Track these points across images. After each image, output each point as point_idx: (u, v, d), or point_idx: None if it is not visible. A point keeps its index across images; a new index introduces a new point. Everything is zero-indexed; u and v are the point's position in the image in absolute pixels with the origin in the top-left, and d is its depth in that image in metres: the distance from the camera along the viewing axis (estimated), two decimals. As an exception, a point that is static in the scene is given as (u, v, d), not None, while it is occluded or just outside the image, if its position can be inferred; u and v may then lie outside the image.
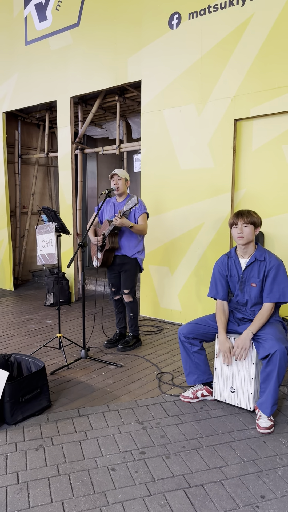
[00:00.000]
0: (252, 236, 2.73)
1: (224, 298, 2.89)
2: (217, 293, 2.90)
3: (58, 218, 3.80)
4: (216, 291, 2.90)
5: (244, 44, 3.98)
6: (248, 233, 2.70)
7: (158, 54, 4.58)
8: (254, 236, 2.74)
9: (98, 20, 5.07)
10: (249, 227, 2.70)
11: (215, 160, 4.31)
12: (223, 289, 2.88)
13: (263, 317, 2.67)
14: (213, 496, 2.00)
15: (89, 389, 3.12)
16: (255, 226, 2.72)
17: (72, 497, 1.99)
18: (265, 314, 2.68)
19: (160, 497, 1.99)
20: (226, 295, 2.89)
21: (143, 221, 3.80)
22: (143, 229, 3.78)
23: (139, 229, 3.74)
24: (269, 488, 2.05)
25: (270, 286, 2.69)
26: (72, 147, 5.69)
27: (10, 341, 4.24)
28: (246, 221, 2.70)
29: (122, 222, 3.59)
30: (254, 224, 2.72)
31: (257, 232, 2.76)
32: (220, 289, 2.88)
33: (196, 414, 2.75)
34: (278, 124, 3.94)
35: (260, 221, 2.75)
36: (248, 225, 2.70)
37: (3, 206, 6.55)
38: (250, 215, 2.72)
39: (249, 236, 2.71)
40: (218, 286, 2.89)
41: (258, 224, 2.74)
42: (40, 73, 5.79)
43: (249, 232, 2.70)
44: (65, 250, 5.89)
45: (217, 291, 2.90)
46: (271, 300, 2.68)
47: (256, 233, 2.76)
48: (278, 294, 2.67)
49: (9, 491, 2.03)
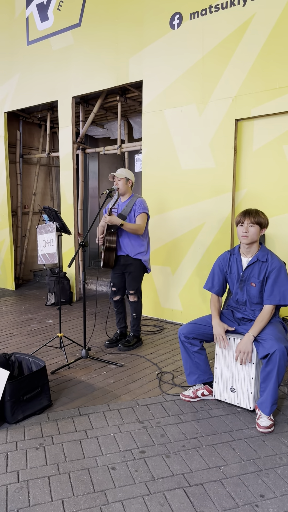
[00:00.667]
0: (256, 237, 2.72)
1: (218, 293, 2.95)
2: (212, 286, 2.96)
3: (59, 218, 3.80)
4: (212, 284, 2.96)
5: (245, 44, 3.98)
6: (253, 233, 2.69)
7: (159, 54, 4.59)
8: (258, 237, 2.74)
9: (100, 20, 5.07)
10: (255, 227, 2.69)
11: (216, 160, 4.31)
12: (219, 284, 2.93)
13: (264, 319, 2.67)
14: (212, 495, 2.00)
15: (90, 389, 3.13)
16: (261, 226, 2.71)
17: (72, 495, 2.00)
18: (265, 317, 2.68)
19: (160, 496, 2.00)
20: (221, 290, 2.95)
21: (140, 220, 3.76)
22: (137, 228, 3.71)
23: (131, 228, 3.68)
24: (268, 487, 2.06)
25: (271, 288, 2.68)
26: (73, 147, 5.70)
27: (11, 340, 4.25)
28: (253, 221, 2.69)
29: (111, 219, 3.59)
30: (261, 224, 2.70)
31: (262, 233, 2.74)
32: (216, 283, 2.93)
33: (196, 414, 2.76)
34: (279, 124, 3.94)
35: (266, 222, 2.74)
36: (254, 225, 2.69)
37: (4, 206, 6.56)
38: (258, 215, 2.70)
39: (253, 236, 2.70)
40: (214, 280, 2.94)
41: (264, 225, 2.72)
42: (41, 73, 5.80)
43: (254, 232, 2.69)
44: (66, 250, 5.90)
45: (212, 284, 2.95)
46: (272, 302, 2.68)
47: (262, 234, 2.75)
48: (279, 297, 2.67)
49: (10, 489, 2.04)
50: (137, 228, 3.72)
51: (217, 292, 2.94)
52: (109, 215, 3.59)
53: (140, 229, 3.74)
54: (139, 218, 3.77)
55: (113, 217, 3.59)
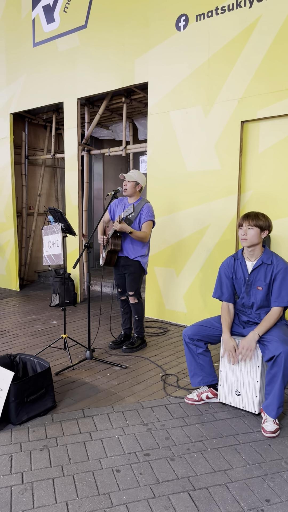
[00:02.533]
0: (256, 239, 2.69)
1: (228, 300, 2.88)
2: (222, 294, 2.89)
3: (64, 219, 3.81)
4: (221, 292, 2.90)
5: (251, 46, 3.97)
6: (251, 236, 2.68)
7: (165, 56, 4.59)
8: (259, 239, 2.71)
9: (106, 22, 5.08)
10: (254, 229, 2.67)
11: (221, 162, 4.30)
12: (228, 291, 2.87)
13: (271, 320, 2.66)
14: (217, 499, 1.99)
15: (94, 390, 3.12)
16: (261, 229, 2.69)
17: (77, 498, 1.99)
18: (273, 317, 2.66)
19: (165, 499, 1.98)
20: (231, 296, 2.88)
21: (146, 228, 3.77)
22: (143, 237, 3.74)
23: (139, 236, 3.71)
24: (274, 492, 2.04)
25: (278, 290, 2.67)
26: (78, 148, 5.70)
27: (16, 341, 4.25)
28: (251, 224, 2.67)
29: (121, 227, 3.60)
30: (260, 227, 2.68)
31: (264, 236, 2.71)
32: (225, 291, 2.87)
33: (201, 417, 2.74)
34: (285, 126, 3.93)
35: (267, 225, 2.70)
36: (252, 228, 2.67)
37: (9, 206, 6.58)
38: (257, 218, 2.68)
39: (252, 239, 2.68)
40: (223, 288, 2.88)
41: (264, 228, 2.69)
42: (47, 74, 5.82)
43: (253, 235, 2.68)
44: (71, 251, 5.90)
45: (222, 292, 2.89)
46: (280, 304, 2.66)
47: (263, 237, 2.72)
48: (287, 298, 2.65)
49: (14, 491, 2.03)
50: (143, 237, 3.75)
51: (228, 299, 2.87)
52: (120, 222, 3.60)
53: (146, 238, 3.77)
54: (145, 226, 3.77)
55: (124, 225, 3.60)
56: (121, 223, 3.59)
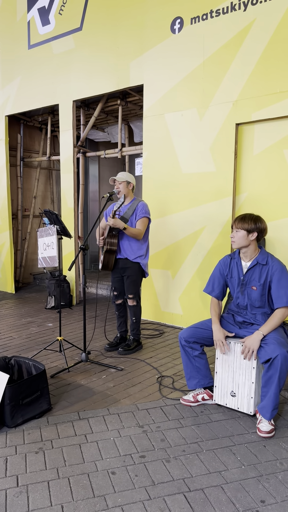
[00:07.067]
0: (244, 242, 2.72)
1: (218, 297, 2.96)
2: (212, 290, 2.97)
3: (60, 221, 3.80)
4: (212, 287, 2.97)
5: (246, 48, 4.00)
6: (238, 238, 2.72)
7: (160, 58, 4.60)
8: (248, 242, 2.73)
9: (101, 24, 5.10)
10: (241, 232, 2.71)
11: (216, 164, 4.32)
12: (219, 287, 2.95)
13: (275, 320, 2.66)
14: (213, 500, 1.99)
15: (90, 392, 3.11)
16: (248, 232, 2.70)
17: (72, 500, 1.98)
18: (277, 318, 2.67)
19: (160, 501, 1.98)
20: (221, 294, 2.96)
21: (141, 225, 3.76)
22: (138, 233, 3.72)
23: (133, 232, 3.69)
24: (269, 493, 2.04)
25: (276, 292, 2.68)
26: (74, 150, 5.71)
27: (11, 343, 4.24)
28: (238, 227, 2.73)
29: (115, 222, 3.58)
30: (247, 230, 2.70)
31: (252, 238, 2.71)
32: (216, 287, 2.95)
33: (197, 418, 2.75)
34: (280, 129, 3.95)
35: (254, 228, 2.69)
36: (239, 230, 2.72)
37: (5, 209, 6.56)
38: (244, 221, 2.71)
39: (240, 241, 2.72)
40: (215, 284, 2.96)
41: (251, 230, 2.69)
42: (42, 76, 5.82)
43: (240, 237, 2.72)
44: (67, 253, 5.89)
45: (213, 288, 2.97)
46: (280, 305, 2.67)
47: (252, 239, 2.72)
48: (286, 298, 2.66)
49: (9, 494, 2.03)
50: (137, 233, 3.72)
51: (217, 296, 2.96)
52: (113, 217, 3.58)
53: (141, 234, 3.75)
54: (139, 223, 3.77)
55: (117, 220, 3.59)
56: (114, 218, 3.58)
